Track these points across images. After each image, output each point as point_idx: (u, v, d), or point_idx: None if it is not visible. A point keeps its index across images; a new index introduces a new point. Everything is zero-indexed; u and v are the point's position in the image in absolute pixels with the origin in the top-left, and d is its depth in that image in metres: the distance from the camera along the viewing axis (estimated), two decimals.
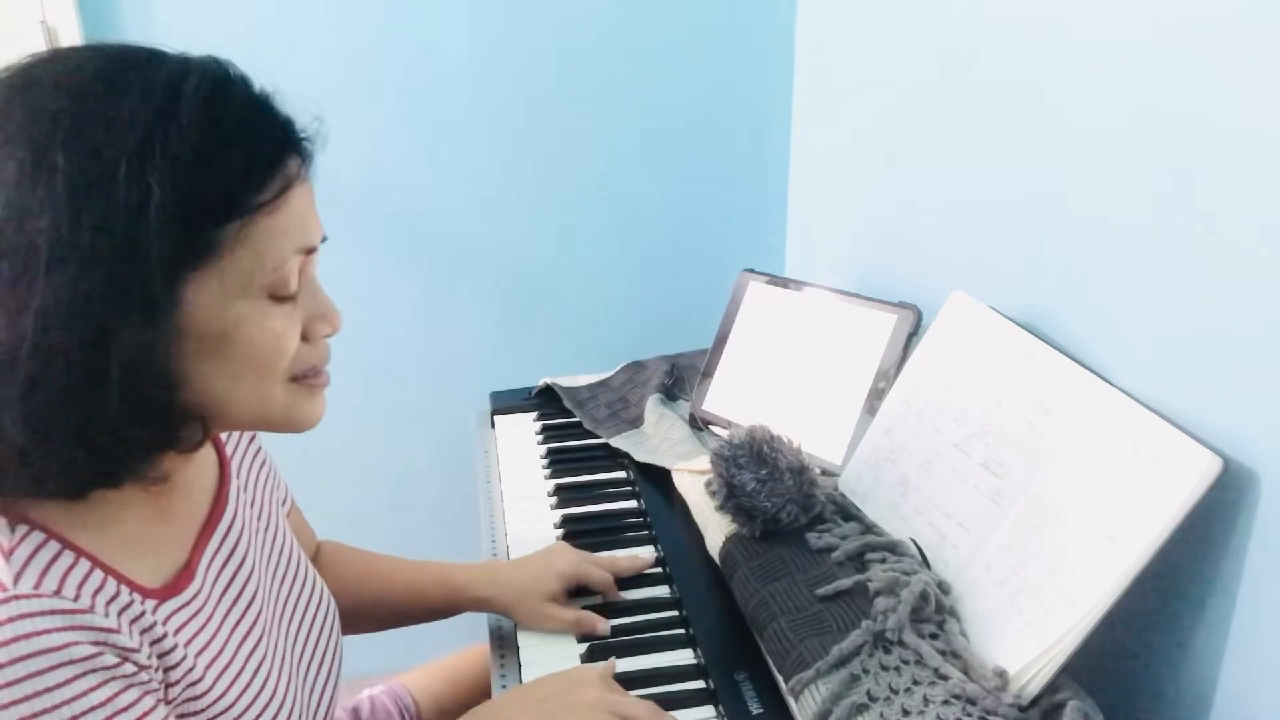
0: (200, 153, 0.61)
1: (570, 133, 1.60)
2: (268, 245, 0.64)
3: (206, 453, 0.80)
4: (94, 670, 0.59)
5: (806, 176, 1.63)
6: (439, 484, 1.78)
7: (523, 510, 1.18)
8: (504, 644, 0.99)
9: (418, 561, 1.06)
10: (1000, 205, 1.05)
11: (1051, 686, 0.77)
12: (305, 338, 0.70)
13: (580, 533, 1.12)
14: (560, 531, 1.13)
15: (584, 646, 0.96)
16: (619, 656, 0.93)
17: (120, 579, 0.65)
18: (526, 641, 0.97)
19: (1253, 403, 0.73)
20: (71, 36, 1.41)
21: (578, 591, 1.02)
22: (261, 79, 0.68)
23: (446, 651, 1.23)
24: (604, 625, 0.98)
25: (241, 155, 0.63)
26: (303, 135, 0.69)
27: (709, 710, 0.88)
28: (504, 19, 1.52)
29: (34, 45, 1.37)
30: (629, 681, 0.90)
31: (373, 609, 1.03)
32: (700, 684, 0.91)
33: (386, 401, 1.73)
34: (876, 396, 1.10)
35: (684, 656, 0.95)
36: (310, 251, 0.69)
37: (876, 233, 1.37)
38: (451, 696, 1.16)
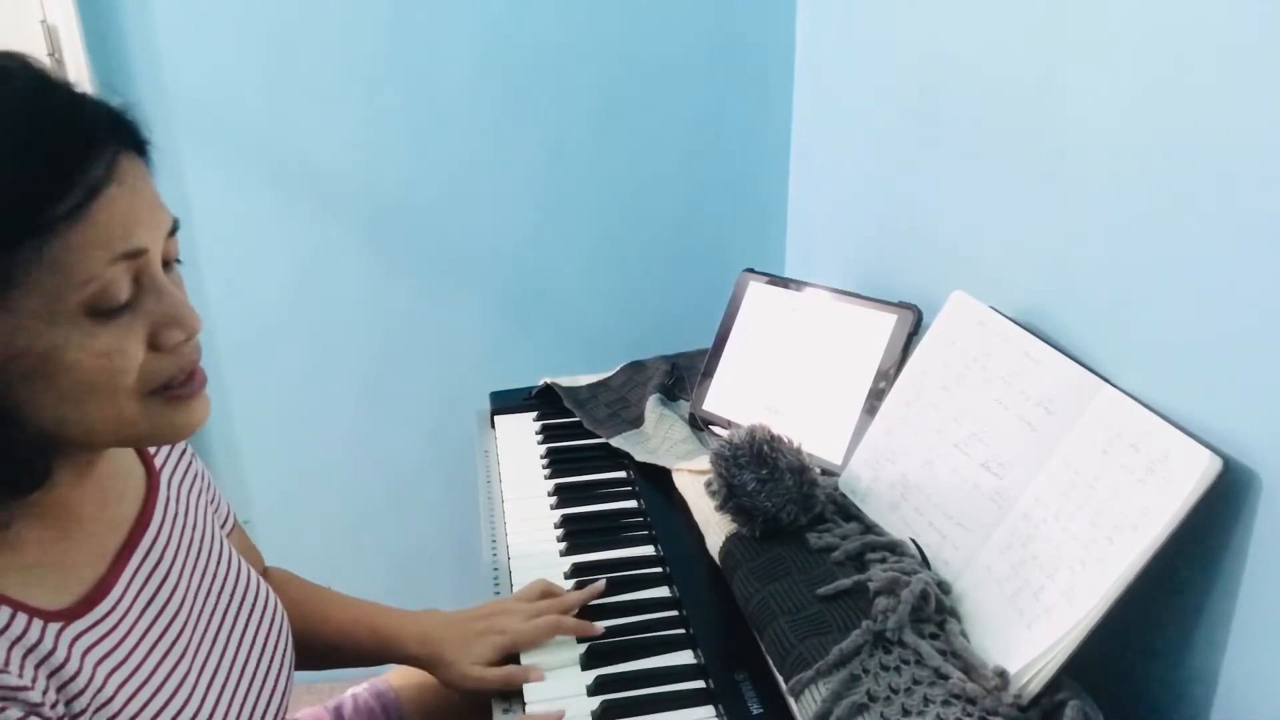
0: None
1: (570, 133, 1.61)
2: (74, 260, 0.57)
3: (132, 465, 0.77)
4: None
5: (806, 176, 1.63)
6: (439, 484, 1.78)
7: (523, 510, 1.18)
8: None
9: (359, 603, 1.01)
10: (1000, 205, 1.05)
11: (1051, 686, 0.77)
12: (156, 347, 0.63)
13: (580, 532, 1.12)
14: (560, 532, 1.13)
15: (584, 647, 0.96)
16: (619, 657, 0.93)
17: (14, 605, 0.61)
18: None
19: (1253, 403, 0.73)
20: (72, 36, 1.41)
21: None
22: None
23: None
24: (536, 674, 0.92)
25: (21, 169, 0.56)
26: (118, 130, 0.61)
27: (709, 710, 0.88)
28: (504, 19, 1.52)
29: (34, 45, 1.39)
30: (628, 682, 0.90)
31: (307, 644, 0.96)
32: (700, 684, 0.91)
33: (386, 401, 1.73)
34: (876, 396, 1.10)
35: (684, 656, 0.94)
36: (137, 255, 0.61)
37: (876, 233, 1.37)
38: (434, 690, 1.15)
